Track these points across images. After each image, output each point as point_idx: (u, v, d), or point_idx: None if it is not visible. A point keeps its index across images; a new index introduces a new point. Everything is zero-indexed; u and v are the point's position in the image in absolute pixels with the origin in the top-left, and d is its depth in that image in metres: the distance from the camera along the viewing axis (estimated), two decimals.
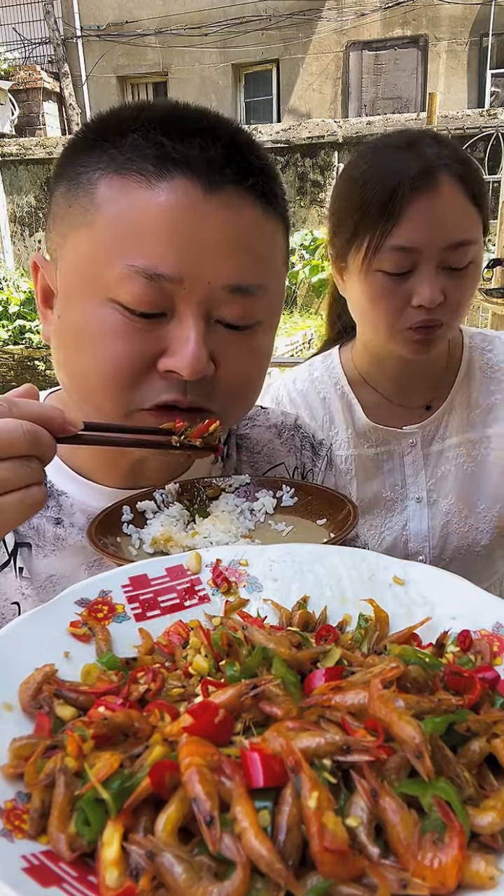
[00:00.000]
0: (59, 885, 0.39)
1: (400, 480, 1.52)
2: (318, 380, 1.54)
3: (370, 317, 1.34)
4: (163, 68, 15.16)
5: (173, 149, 0.76)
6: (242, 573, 0.72)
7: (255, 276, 0.80)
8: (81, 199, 0.79)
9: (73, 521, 0.93)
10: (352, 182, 1.31)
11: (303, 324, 9.46)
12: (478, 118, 9.81)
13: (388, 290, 1.27)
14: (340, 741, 0.45)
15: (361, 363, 1.52)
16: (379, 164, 1.28)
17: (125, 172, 0.77)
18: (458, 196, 1.24)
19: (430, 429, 1.51)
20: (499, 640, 0.59)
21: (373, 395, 1.52)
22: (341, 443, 1.51)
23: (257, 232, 0.81)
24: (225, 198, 0.77)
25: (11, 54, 14.51)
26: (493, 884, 0.40)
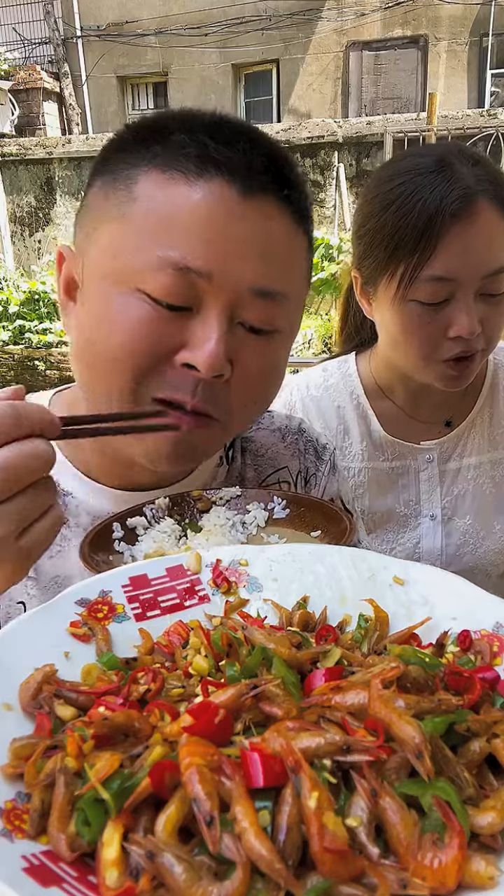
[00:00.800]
0: (59, 885, 0.39)
1: (414, 496, 1.48)
2: (333, 387, 1.49)
3: (403, 347, 1.27)
4: (163, 68, 15.16)
5: (216, 150, 0.78)
6: (242, 573, 0.72)
7: (281, 282, 0.82)
8: (120, 192, 0.81)
9: (79, 521, 0.94)
10: (383, 206, 1.23)
11: (303, 324, 9.45)
12: (478, 118, 9.80)
13: (424, 320, 1.21)
14: (340, 741, 0.45)
15: (381, 374, 1.46)
16: (413, 189, 1.20)
17: (167, 170, 0.78)
18: (497, 220, 1.19)
19: (449, 446, 1.46)
20: (499, 640, 0.59)
21: (390, 407, 1.46)
22: (355, 454, 1.46)
23: (286, 242, 0.83)
24: (259, 203, 0.79)
25: (11, 54, 14.51)
26: (493, 884, 0.40)
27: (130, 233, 0.78)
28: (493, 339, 1.25)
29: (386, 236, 1.22)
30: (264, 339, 0.84)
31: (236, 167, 0.78)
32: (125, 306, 0.78)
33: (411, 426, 1.47)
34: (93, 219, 0.84)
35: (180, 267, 0.76)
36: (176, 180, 0.78)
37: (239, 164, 0.78)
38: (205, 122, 0.82)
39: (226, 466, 1.05)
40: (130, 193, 0.79)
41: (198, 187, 0.77)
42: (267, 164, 0.80)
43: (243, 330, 0.82)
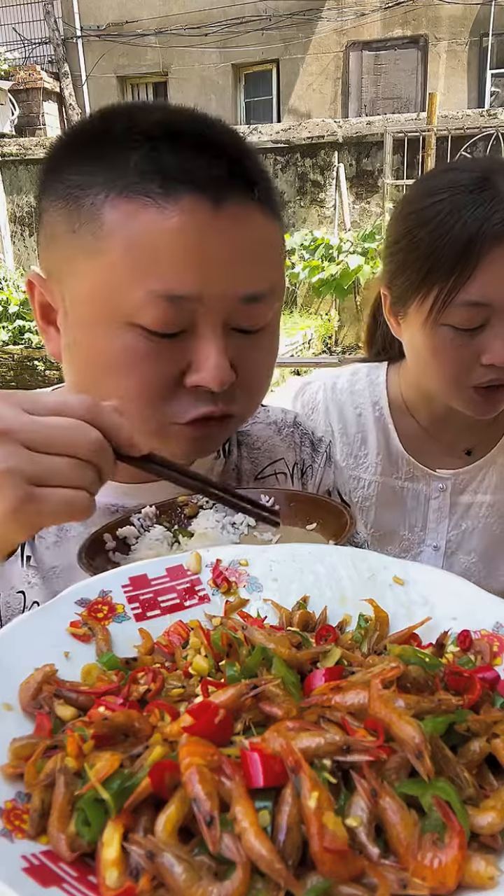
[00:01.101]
0: (59, 885, 0.39)
1: (420, 523, 1.44)
2: (359, 393, 1.44)
3: (433, 371, 1.22)
4: (163, 68, 15.16)
5: (177, 168, 0.76)
6: (242, 573, 0.72)
7: (266, 281, 0.83)
8: (87, 224, 0.78)
9: None
10: (418, 223, 1.17)
11: (303, 324, 9.45)
12: (478, 118, 9.80)
13: (456, 346, 1.16)
14: (340, 741, 0.45)
15: (408, 391, 1.40)
16: (451, 207, 1.13)
17: (130, 195, 0.76)
18: None
19: (465, 478, 1.41)
20: (499, 640, 0.59)
21: (412, 425, 1.41)
22: (368, 466, 1.42)
23: (263, 239, 0.83)
24: (230, 211, 0.78)
25: (11, 54, 14.50)
26: (493, 884, 0.40)
27: (112, 270, 0.77)
28: None
29: (420, 256, 1.16)
30: (260, 334, 0.86)
31: (202, 181, 0.76)
32: (122, 344, 0.78)
33: (430, 449, 1.41)
34: (64, 252, 0.82)
35: (171, 297, 0.76)
36: (145, 206, 0.76)
37: (204, 178, 0.76)
38: (153, 132, 0.78)
39: (222, 460, 1.06)
40: (101, 227, 0.77)
41: (169, 211, 0.75)
42: (231, 168, 0.78)
43: (239, 334, 0.83)
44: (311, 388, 1.48)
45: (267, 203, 0.83)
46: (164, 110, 0.84)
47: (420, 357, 1.24)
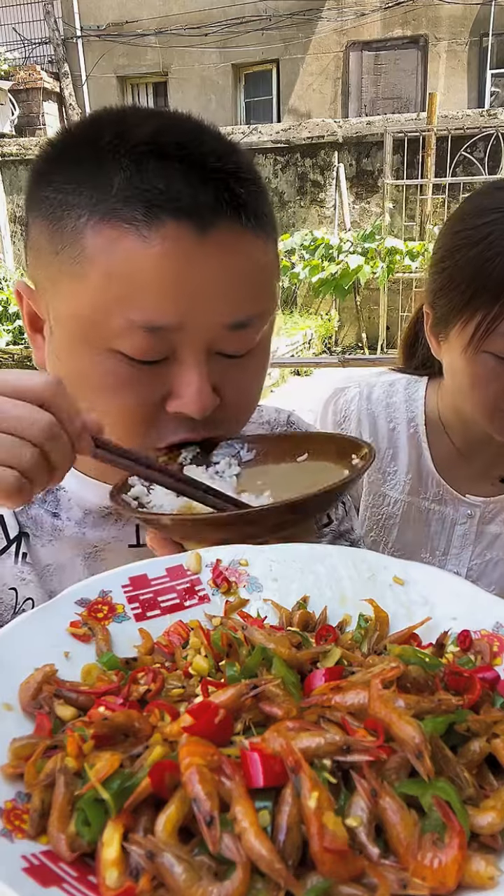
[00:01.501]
0: (59, 885, 0.39)
1: (443, 548, 1.40)
2: (395, 406, 1.39)
3: (470, 397, 1.18)
4: (163, 68, 15.16)
5: (160, 194, 0.73)
6: (242, 573, 0.72)
7: (252, 308, 0.81)
8: (69, 248, 0.77)
9: (71, 515, 0.94)
10: (467, 243, 1.11)
11: (303, 324, 9.45)
12: (478, 118, 9.80)
13: (498, 374, 1.11)
14: (340, 741, 0.45)
15: (446, 410, 1.36)
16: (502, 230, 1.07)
17: (112, 220, 0.74)
18: None
19: (495, 507, 1.36)
20: (499, 640, 0.59)
21: (447, 446, 1.37)
22: (396, 484, 1.38)
23: (251, 263, 0.80)
24: (217, 238, 0.76)
25: (11, 54, 14.50)
26: (493, 884, 0.40)
27: (93, 296, 0.76)
28: None
29: (466, 278, 1.11)
30: (244, 357, 0.84)
31: (186, 208, 0.74)
32: (103, 369, 0.78)
33: (463, 472, 1.37)
34: (49, 272, 0.81)
35: (151, 328, 0.75)
36: (126, 233, 0.74)
37: (188, 204, 0.74)
38: (140, 151, 0.75)
39: None
40: (83, 252, 0.76)
41: (151, 240, 0.73)
42: (217, 193, 0.75)
43: (222, 357, 0.82)
44: (346, 396, 1.43)
45: (257, 224, 0.80)
46: (159, 119, 0.80)
47: (459, 382, 1.20)
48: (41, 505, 0.94)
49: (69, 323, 0.80)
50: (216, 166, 0.76)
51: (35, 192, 0.82)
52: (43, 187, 0.81)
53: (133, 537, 0.95)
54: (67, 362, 0.82)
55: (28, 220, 0.85)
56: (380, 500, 1.40)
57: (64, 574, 0.93)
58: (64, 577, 0.93)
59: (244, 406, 0.89)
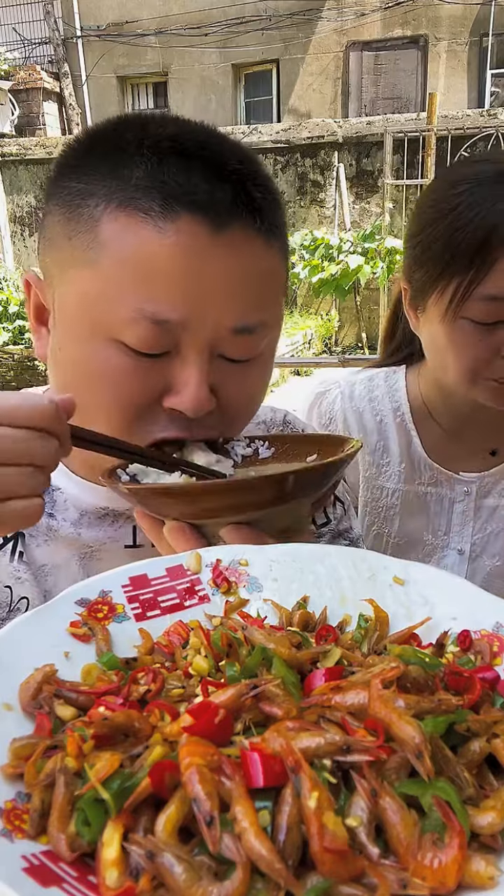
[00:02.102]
0: (59, 885, 0.39)
1: (444, 527, 1.42)
2: (378, 399, 1.42)
3: (451, 365, 1.21)
4: (163, 68, 15.16)
5: (178, 187, 0.74)
6: (242, 573, 0.72)
7: (259, 314, 0.81)
8: (83, 234, 0.77)
9: (66, 515, 0.95)
10: (438, 216, 1.16)
11: (303, 324, 9.46)
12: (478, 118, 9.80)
13: (476, 340, 1.15)
14: (340, 741, 0.45)
15: (429, 393, 1.38)
16: (472, 200, 1.12)
17: (129, 209, 0.75)
18: None
19: (490, 481, 1.39)
20: (499, 640, 0.59)
21: (434, 429, 1.39)
22: (392, 475, 1.41)
23: (261, 269, 0.81)
24: (231, 238, 0.77)
25: (11, 54, 14.51)
26: (493, 884, 0.40)
27: (103, 282, 0.76)
28: None
29: (439, 248, 1.15)
30: (247, 364, 0.84)
31: (203, 204, 0.75)
32: (104, 358, 0.78)
33: (454, 452, 1.39)
34: (59, 257, 0.81)
35: (157, 320, 0.75)
36: (142, 223, 0.74)
37: (205, 201, 0.75)
38: (162, 147, 0.76)
39: None
40: (96, 238, 0.76)
41: (167, 231, 0.74)
42: (234, 193, 0.76)
43: (224, 361, 0.82)
44: (328, 399, 1.45)
45: (271, 232, 0.81)
46: (178, 124, 0.82)
47: (439, 351, 1.23)
48: None
49: (74, 310, 0.80)
50: (236, 167, 0.78)
51: (56, 182, 0.83)
52: (64, 178, 0.82)
53: (129, 538, 0.95)
54: (68, 351, 0.82)
55: (45, 210, 0.85)
56: (378, 494, 1.42)
57: (59, 574, 0.94)
58: (59, 577, 0.94)
59: (240, 413, 0.88)
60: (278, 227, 0.84)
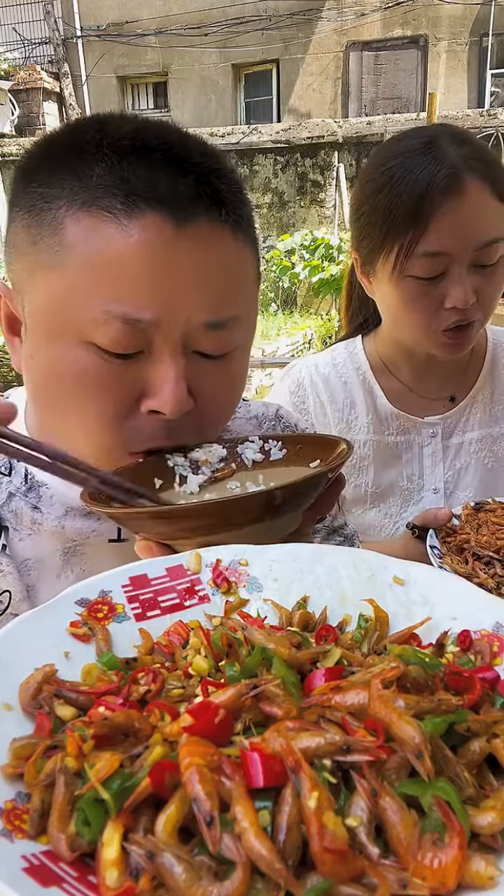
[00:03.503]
0: (59, 885, 0.39)
1: (418, 471, 1.53)
2: (341, 365, 1.55)
3: (403, 321, 1.34)
4: (163, 68, 15.16)
5: (140, 184, 0.74)
6: (242, 573, 0.72)
7: (231, 308, 0.81)
8: (48, 238, 0.77)
9: (52, 510, 0.94)
10: (376, 188, 1.29)
11: (303, 324, 9.46)
12: (478, 118, 9.81)
13: (421, 294, 1.28)
14: (340, 741, 0.45)
15: (385, 351, 1.52)
16: (403, 171, 1.25)
17: (92, 210, 0.75)
18: (485, 196, 1.24)
19: (452, 420, 1.51)
20: (499, 640, 0.59)
21: (395, 383, 1.52)
22: (361, 427, 1.52)
23: (230, 263, 0.81)
24: (196, 231, 0.76)
25: (11, 54, 14.51)
26: (493, 884, 0.40)
27: (70, 285, 0.76)
28: (489, 308, 1.32)
29: (380, 217, 1.28)
30: (222, 361, 0.84)
31: (166, 200, 0.74)
32: (75, 360, 0.77)
33: (416, 401, 1.51)
34: (26, 263, 0.81)
35: (127, 320, 0.75)
36: (105, 222, 0.74)
37: (168, 196, 0.74)
38: (122, 146, 0.76)
39: None
40: (61, 240, 0.76)
41: (131, 229, 0.74)
42: (197, 188, 0.76)
43: (199, 357, 0.81)
44: (296, 369, 1.59)
45: (237, 224, 0.81)
46: (137, 122, 0.81)
47: (391, 310, 1.37)
48: (23, 498, 0.94)
49: (44, 315, 0.79)
50: (198, 161, 0.78)
51: (18, 189, 0.83)
52: (26, 184, 0.81)
53: (114, 532, 0.95)
54: (40, 359, 0.81)
55: (9, 218, 0.85)
56: None
57: (43, 568, 0.93)
58: (43, 571, 0.93)
59: (219, 411, 0.87)
60: (245, 219, 0.83)
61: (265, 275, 10.91)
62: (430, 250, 1.24)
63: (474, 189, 1.23)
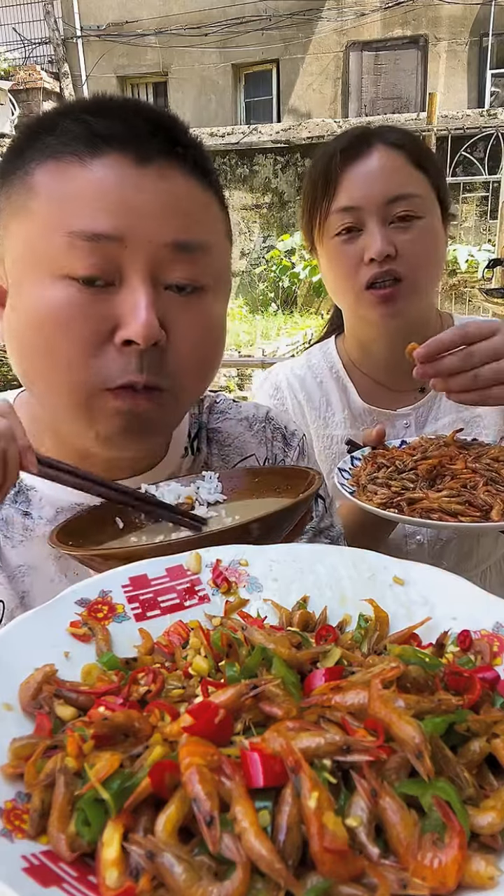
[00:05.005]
0: (59, 885, 0.39)
1: None
2: (316, 366, 1.61)
3: (334, 284, 1.43)
4: (163, 68, 15.16)
5: (101, 126, 0.79)
6: (242, 573, 0.72)
7: (196, 233, 0.83)
8: (19, 188, 0.82)
9: (42, 514, 0.94)
10: (307, 172, 1.45)
11: (303, 324, 9.46)
12: (478, 118, 9.80)
13: (342, 251, 1.36)
14: (340, 741, 0.45)
15: (352, 349, 1.59)
16: (320, 154, 1.41)
17: (59, 156, 0.80)
18: (393, 156, 1.34)
19: (423, 410, 1.54)
20: (499, 640, 0.59)
21: (365, 378, 1.58)
22: (338, 423, 1.56)
23: (191, 197, 0.84)
24: (157, 168, 0.80)
25: (11, 54, 14.50)
26: (493, 884, 0.40)
27: (37, 222, 0.79)
28: (417, 267, 1.36)
29: (307, 192, 1.42)
30: (194, 296, 0.85)
31: (125, 138, 0.79)
32: (50, 296, 0.79)
33: (387, 395, 1.56)
34: (3, 220, 0.85)
35: (89, 236, 0.77)
36: (70, 164, 0.79)
37: (127, 135, 0.79)
38: (86, 104, 0.83)
39: (190, 457, 1.06)
40: (31, 188, 0.80)
41: (92, 166, 0.78)
42: (154, 129, 0.81)
43: (171, 293, 0.83)
44: (273, 374, 1.67)
45: (200, 172, 0.85)
46: (96, 94, 0.88)
47: (326, 275, 1.46)
48: (12, 505, 0.94)
49: (18, 262, 0.82)
50: (159, 114, 0.85)
51: (5, 165, 0.86)
52: (11, 158, 0.85)
53: None
54: (20, 308, 0.82)
55: None
56: (328, 442, 1.58)
57: (36, 574, 0.93)
58: (36, 577, 0.93)
59: (191, 353, 0.86)
60: (208, 171, 0.88)
61: (265, 275, 10.91)
62: (341, 206, 1.34)
63: (381, 150, 1.34)
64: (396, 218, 1.33)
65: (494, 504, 1.07)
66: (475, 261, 9.54)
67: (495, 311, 5.53)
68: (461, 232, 10.12)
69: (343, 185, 1.34)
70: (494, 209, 9.66)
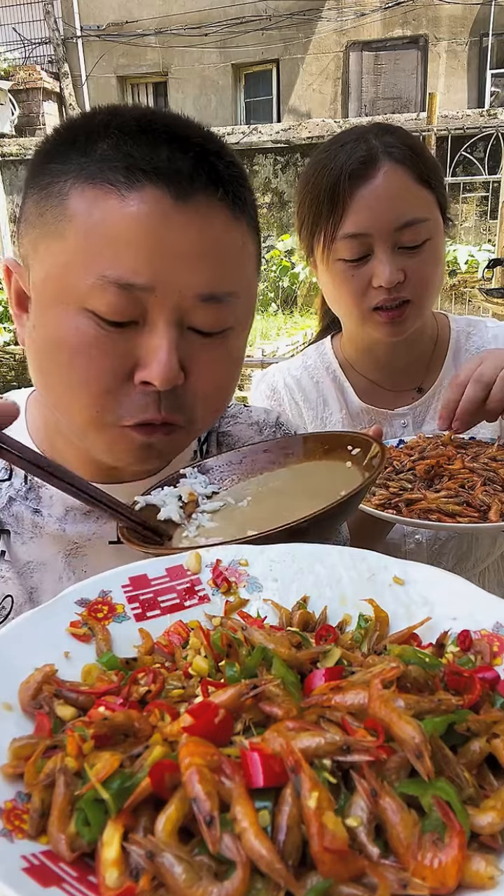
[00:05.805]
0: (59, 885, 0.39)
1: None
2: (312, 366, 1.61)
3: (339, 303, 1.42)
4: (163, 68, 15.16)
5: (142, 159, 0.76)
6: (242, 573, 0.72)
7: (227, 284, 0.81)
8: (53, 209, 0.80)
9: (52, 511, 0.95)
10: (306, 181, 1.40)
11: (303, 324, 9.45)
12: (478, 118, 9.80)
13: (350, 275, 1.34)
14: (340, 741, 0.45)
15: (349, 351, 1.58)
16: (326, 160, 1.35)
17: (96, 182, 0.77)
18: (402, 178, 1.30)
19: (421, 410, 1.55)
20: (499, 640, 0.59)
21: (362, 378, 1.58)
22: (335, 423, 1.56)
23: (227, 240, 0.82)
24: (195, 207, 0.78)
25: (11, 54, 14.50)
26: (493, 884, 0.40)
27: (70, 252, 0.78)
28: (425, 289, 1.36)
29: (307, 207, 1.38)
30: (217, 339, 0.84)
31: (165, 173, 0.76)
32: (72, 327, 0.78)
33: (384, 395, 1.56)
34: (33, 236, 0.83)
35: (122, 284, 0.76)
36: (107, 194, 0.76)
37: (168, 171, 0.77)
38: (128, 126, 0.79)
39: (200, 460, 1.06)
40: (65, 211, 0.78)
41: (130, 200, 0.76)
42: (196, 164, 0.78)
43: (194, 334, 0.82)
44: (269, 375, 1.67)
45: (237, 205, 0.82)
46: (146, 108, 0.85)
47: (329, 294, 1.45)
48: (23, 502, 0.95)
49: (46, 284, 0.81)
50: (199, 142, 0.80)
51: (33, 169, 0.85)
52: (41, 165, 0.84)
53: (114, 534, 0.95)
54: (41, 327, 0.82)
55: (24, 196, 0.87)
56: None
57: (45, 571, 0.94)
58: (45, 574, 0.94)
59: (209, 391, 0.86)
60: (245, 202, 0.85)
61: (265, 275, 10.90)
62: (349, 232, 1.31)
63: (389, 171, 1.29)
64: (405, 244, 1.31)
65: (492, 504, 1.07)
66: (475, 261, 9.55)
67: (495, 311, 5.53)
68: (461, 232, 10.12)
69: (351, 210, 1.31)
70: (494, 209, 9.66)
